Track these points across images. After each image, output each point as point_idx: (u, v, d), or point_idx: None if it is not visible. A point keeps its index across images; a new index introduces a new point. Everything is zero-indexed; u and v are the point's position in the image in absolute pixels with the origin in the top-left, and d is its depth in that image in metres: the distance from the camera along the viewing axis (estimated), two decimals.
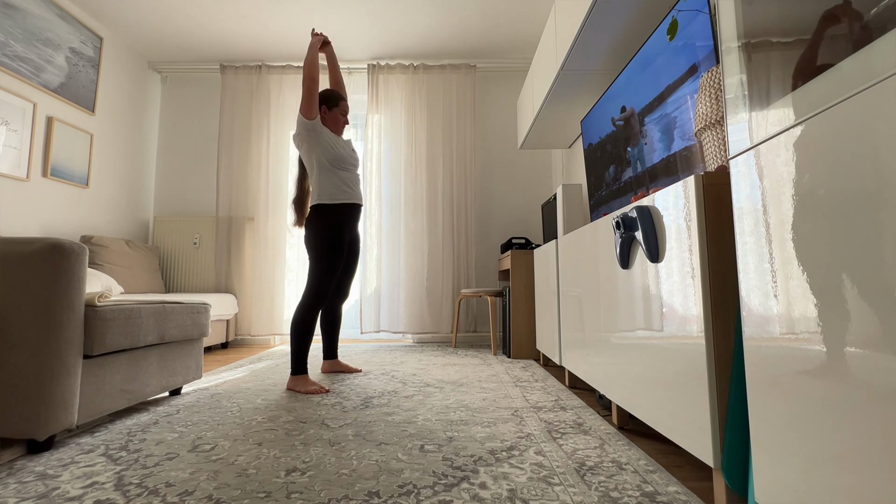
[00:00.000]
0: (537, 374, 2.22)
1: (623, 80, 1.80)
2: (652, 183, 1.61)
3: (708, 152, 1.17)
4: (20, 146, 2.58)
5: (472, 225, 3.57)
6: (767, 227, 0.69)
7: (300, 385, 1.88)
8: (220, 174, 3.61)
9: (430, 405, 1.63)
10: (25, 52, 2.62)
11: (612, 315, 1.36)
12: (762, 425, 0.71)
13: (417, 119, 3.64)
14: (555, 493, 0.93)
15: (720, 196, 0.91)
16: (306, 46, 3.51)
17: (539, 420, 1.45)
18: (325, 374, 2.25)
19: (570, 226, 2.31)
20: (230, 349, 3.34)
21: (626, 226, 1.20)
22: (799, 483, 0.63)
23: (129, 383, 1.48)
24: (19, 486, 0.98)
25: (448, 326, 3.50)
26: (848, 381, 0.55)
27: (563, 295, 1.96)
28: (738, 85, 0.77)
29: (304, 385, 1.87)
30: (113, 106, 3.34)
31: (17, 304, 1.18)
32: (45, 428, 1.17)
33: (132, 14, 3.11)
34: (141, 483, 0.99)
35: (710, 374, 0.87)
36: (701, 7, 1.29)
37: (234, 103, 3.68)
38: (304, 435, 1.31)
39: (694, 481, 1.01)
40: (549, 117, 2.79)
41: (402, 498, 0.92)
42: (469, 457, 1.13)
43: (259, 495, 0.93)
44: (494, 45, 3.53)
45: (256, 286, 3.51)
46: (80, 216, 3.04)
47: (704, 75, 1.19)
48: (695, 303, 0.92)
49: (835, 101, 0.57)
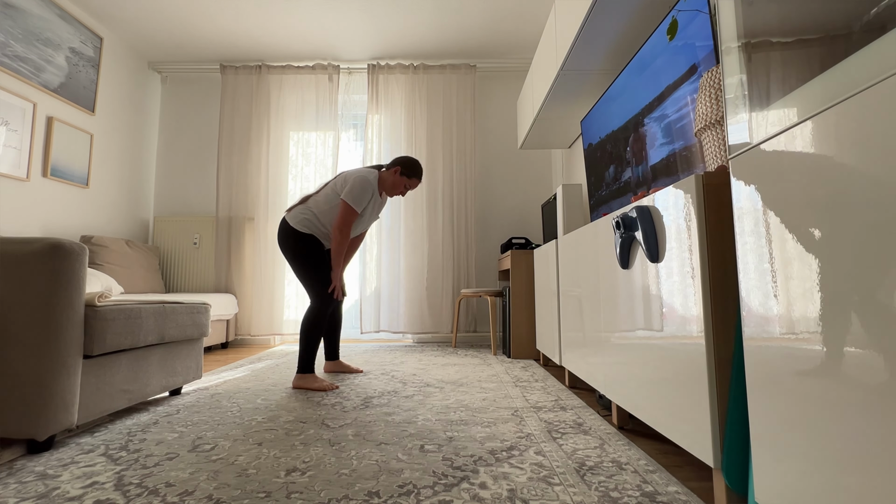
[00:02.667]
0: (537, 374, 2.22)
1: (623, 80, 1.80)
2: (652, 183, 1.61)
3: (708, 152, 1.17)
4: (20, 146, 2.58)
5: (472, 225, 3.57)
6: (767, 227, 0.69)
7: (308, 383, 1.89)
8: (220, 174, 3.61)
9: (430, 405, 1.63)
10: (25, 52, 2.62)
11: (612, 315, 1.36)
12: (762, 425, 0.71)
13: (417, 119, 3.64)
14: (555, 493, 0.93)
15: (720, 196, 0.91)
16: (306, 46, 3.52)
17: (539, 420, 1.45)
18: (327, 375, 2.25)
19: (570, 226, 2.31)
20: (230, 349, 3.34)
21: (626, 226, 1.20)
22: (799, 483, 0.63)
23: (129, 383, 1.48)
24: (19, 486, 0.98)
25: (448, 326, 3.50)
26: (848, 381, 0.55)
27: (563, 295, 1.96)
28: (738, 85, 0.77)
29: (313, 382, 1.88)
30: (113, 106, 3.34)
31: (17, 304, 1.18)
32: (45, 428, 1.17)
33: (132, 14, 3.11)
34: (141, 483, 0.99)
35: (710, 374, 0.87)
36: (701, 7, 1.29)
37: (234, 103, 3.68)
38: (304, 435, 1.31)
39: (694, 481, 1.01)
40: (549, 117, 2.79)
41: (402, 498, 0.92)
42: (469, 457, 1.13)
43: (259, 495, 0.93)
44: (494, 45, 3.53)
45: (256, 286, 3.51)
46: (80, 216, 3.04)
47: (704, 75, 1.19)
48: (695, 303, 0.92)
49: (835, 101, 0.57)
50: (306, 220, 2.05)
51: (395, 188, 2.13)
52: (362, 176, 2.05)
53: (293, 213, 2.08)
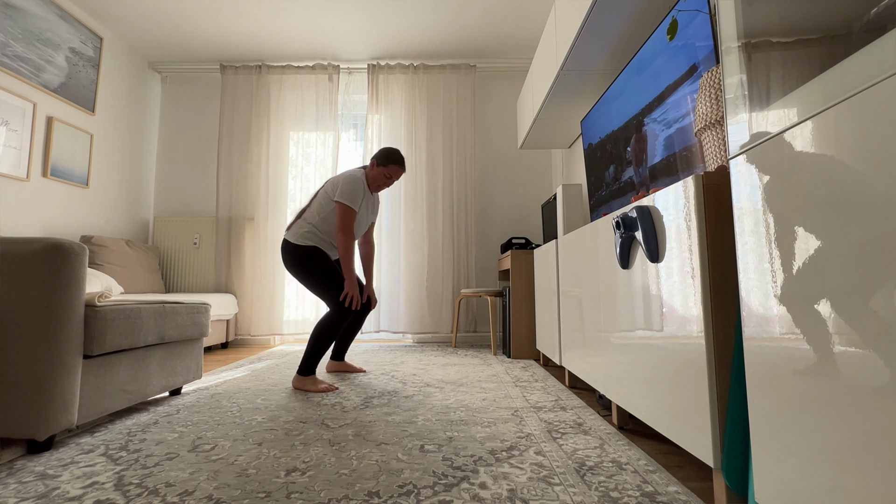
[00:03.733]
0: (537, 374, 2.22)
1: (623, 80, 1.80)
2: (652, 183, 1.61)
3: (708, 152, 1.17)
4: (20, 146, 2.58)
5: (472, 225, 3.57)
6: (767, 227, 0.69)
7: (309, 385, 1.88)
8: (220, 174, 3.61)
9: (430, 405, 1.63)
10: (25, 52, 2.62)
11: (612, 315, 1.36)
12: (762, 425, 0.71)
13: (417, 119, 3.64)
14: (555, 493, 0.93)
15: (720, 196, 0.91)
16: (306, 46, 3.52)
17: (539, 420, 1.45)
18: (329, 374, 2.26)
19: (570, 226, 2.31)
20: (230, 349, 3.34)
21: (626, 226, 1.20)
22: (799, 483, 0.63)
23: (129, 383, 1.48)
24: (19, 486, 0.98)
25: (448, 326, 3.50)
26: (848, 381, 0.55)
27: (563, 295, 1.96)
28: (738, 85, 0.77)
29: (314, 385, 1.87)
30: (113, 106, 3.34)
31: (17, 304, 1.18)
32: (45, 428, 1.17)
33: (132, 14, 3.11)
34: (141, 483, 0.99)
35: (710, 374, 0.87)
36: (701, 7, 1.29)
37: (234, 103, 3.68)
38: (304, 435, 1.31)
39: (694, 481, 1.01)
40: (549, 117, 2.79)
41: (402, 498, 0.92)
42: (469, 457, 1.13)
43: (259, 495, 0.93)
44: (494, 45, 3.53)
45: (256, 286, 3.51)
46: (80, 216, 3.04)
47: (704, 75, 1.19)
48: (695, 303, 0.92)
49: (835, 101, 0.57)
50: (307, 234, 2.06)
51: (378, 181, 2.13)
52: (350, 174, 2.07)
53: (292, 231, 2.08)
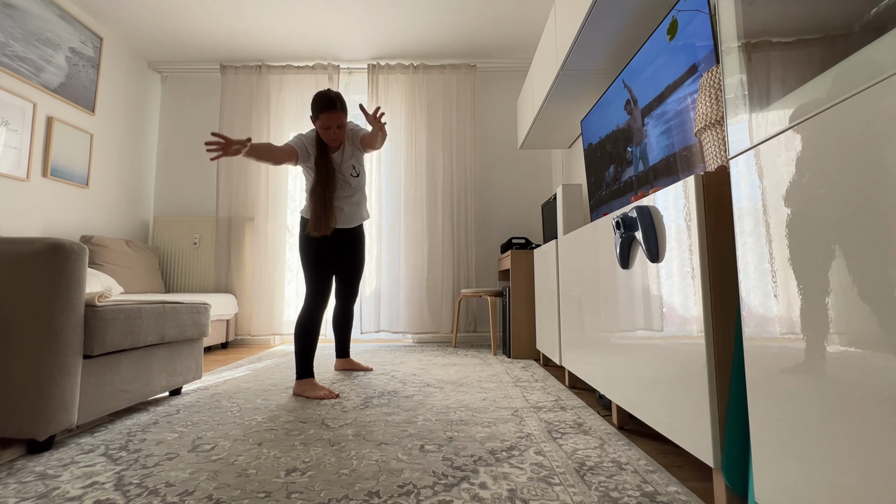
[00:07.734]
0: (537, 374, 2.22)
1: (623, 79, 1.79)
2: (652, 183, 1.60)
3: (708, 152, 1.17)
4: (20, 146, 2.58)
5: (472, 225, 3.57)
6: (767, 227, 0.69)
7: (308, 390, 1.79)
8: (220, 174, 3.61)
9: (430, 405, 1.63)
10: (25, 52, 2.62)
11: (612, 315, 1.36)
12: (762, 425, 0.71)
13: (417, 119, 3.64)
14: (555, 493, 0.93)
15: (720, 196, 0.91)
16: (306, 46, 3.51)
17: (539, 420, 1.45)
18: (337, 372, 2.27)
19: (570, 226, 2.31)
20: (230, 349, 3.34)
21: (626, 226, 1.20)
22: (799, 483, 0.63)
23: (129, 383, 1.48)
24: (19, 486, 0.98)
25: (448, 326, 3.50)
26: (848, 382, 0.55)
27: (563, 295, 1.96)
28: (738, 85, 0.77)
29: (313, 390, 1.79)
30: (113, 106, 3.34)
31: (17, 304, 1.18)
32: (45, 428, 1.17)
33: (132, 14, 3.11)
34: (141, 483, 0.99)
35: (710, 374, 0.87)
36: (701, 7, 1.29)
37: (234, 103, 3.68)
38: (304, 435, 1.31)
39: (694, 481, 1.01)
40: (549, 117, 2.79)
41: (402, 498, 0.92)
42: (469, 457, 1.13)
43: (259, 495, 0.93)
44: (494, 45, 3.53)
45: (256, 286, 3.51)
46: (80, 216, 3.04)
47: (704, 75, 1.19)
48: (695, 303, 0.92)
49: (835, 102, 0.57)
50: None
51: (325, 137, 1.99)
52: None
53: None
